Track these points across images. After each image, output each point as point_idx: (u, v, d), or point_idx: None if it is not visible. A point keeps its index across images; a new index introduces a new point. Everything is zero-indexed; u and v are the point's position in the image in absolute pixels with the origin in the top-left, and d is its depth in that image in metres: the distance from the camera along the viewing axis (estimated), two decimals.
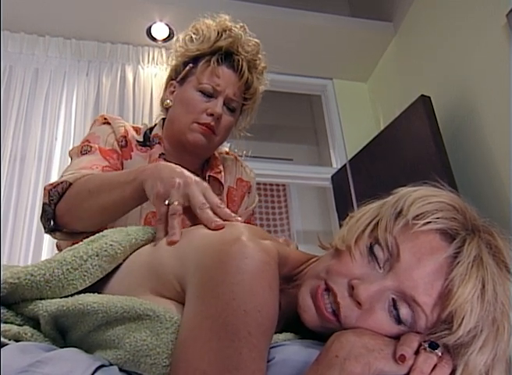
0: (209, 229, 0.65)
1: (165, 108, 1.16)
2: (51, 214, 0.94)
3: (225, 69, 1.08)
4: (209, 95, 1.07)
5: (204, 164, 1.20)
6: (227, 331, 0.50)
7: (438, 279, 0.53)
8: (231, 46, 1.08)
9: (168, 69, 1.18)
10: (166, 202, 0.71)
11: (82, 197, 0.89)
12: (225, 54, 1.09)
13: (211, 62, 1.07)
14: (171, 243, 0.62)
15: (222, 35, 1.08)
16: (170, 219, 0.68)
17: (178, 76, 1.13)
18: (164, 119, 1.18)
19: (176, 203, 0.70)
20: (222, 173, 1.18)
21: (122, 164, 1.06)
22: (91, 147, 1.03)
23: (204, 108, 1.06)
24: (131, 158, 1.07)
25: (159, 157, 1.09)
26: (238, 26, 1.11)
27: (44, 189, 0.96)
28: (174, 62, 1.15)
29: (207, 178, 1.15)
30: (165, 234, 0.69)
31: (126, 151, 1.08)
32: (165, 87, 1.17)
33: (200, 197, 0.71)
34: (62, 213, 0.93)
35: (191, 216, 0.73)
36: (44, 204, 0.95)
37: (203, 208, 0.69)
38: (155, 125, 1.18)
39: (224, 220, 0.67)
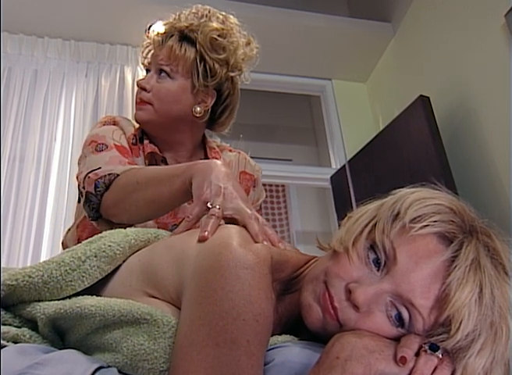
0: (255, 242, 0.62)
1: None
2: (96, 204, 0.95)
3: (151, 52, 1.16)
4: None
5: (200, 154, 1.21)
6: (225, 339, 0.50)
7: (435, 282, 0.53)
8: (160, 34, 1.14)
9: None
10: (208, 204, 0.71)
11: (130, 189, 0.90)
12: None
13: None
14: (201, 238, 0.60)
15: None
16: (208, 218, 0.67)
17: None
18: None
19: (217, 207, 0.70)
20: None
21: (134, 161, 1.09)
22: (106, 145, 1.04)
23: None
24: (139, 156, 1.11)
25: (150, 143, 1.12)
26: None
27: (88, 177, 0.96)
28: None
29: None
30: (182, 231, 0.70)
31: (135, 149, 1.10)
32: None
33: (248, 210, 0.71)
34: (108, 205, 0.94)
35: None
36: (88, 193, 0.95)
37: (252, 217, 0.69)
38: None
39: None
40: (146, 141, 1.13)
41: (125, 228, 0.73)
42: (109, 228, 0.97)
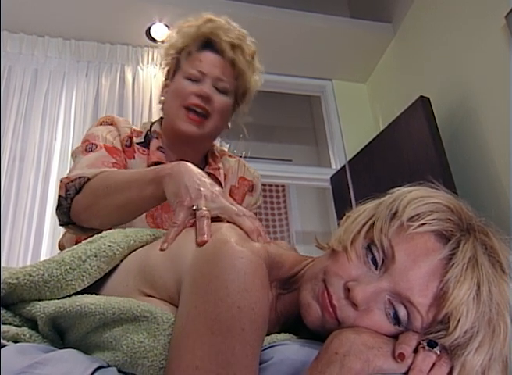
0: (249, 237, 0.64)
1: (162, 107, 1.19)
2: (66, 208, 0.94)
3: (208, 53, 1.10)
4: (196, 80, 1.09)
5: (202, 160, 1.20)
6: (220, 327, 0.50)
7: (433, 280, 0.53)
8: (213, 32, 1.10)
9: (163, 73, 1.20)
10: (194, 208, 0.71)
11: (100, 193, 0.89)
12: (207, 41, 1.11)
13: (193, 50, 1.10)
14: (201, 243, 0.60)
15: (204, 24, 1.11)
16: (199, 221, 0.66)
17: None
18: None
19: (204, 208, 0.70)
20: (221, 170, 1.19)
21: (126, 162, 1.08)
22: (96, 145, 1.04)
23: (191, 91, 1.08)
24: (134, 158, 1.10)
25: (157, 149, 1.11)
26: (221, 18, 1.13)
27: (61, 182, 0.95)
28: (165, 63, 1.18)
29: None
30: (174, 237, 0.68)
31: (129, 151, 1.10)
32: (162, 90, 1.20)
33: (233, 207, 0.71)
34: (79, 209, 0.93)
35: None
36: (59, 197, 0.95)
37: (240, 215, 0.69)
38: (155, 123, 1.20)
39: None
40: (153, 148, 1.11)
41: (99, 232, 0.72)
42: (82, 233, 0.97)
